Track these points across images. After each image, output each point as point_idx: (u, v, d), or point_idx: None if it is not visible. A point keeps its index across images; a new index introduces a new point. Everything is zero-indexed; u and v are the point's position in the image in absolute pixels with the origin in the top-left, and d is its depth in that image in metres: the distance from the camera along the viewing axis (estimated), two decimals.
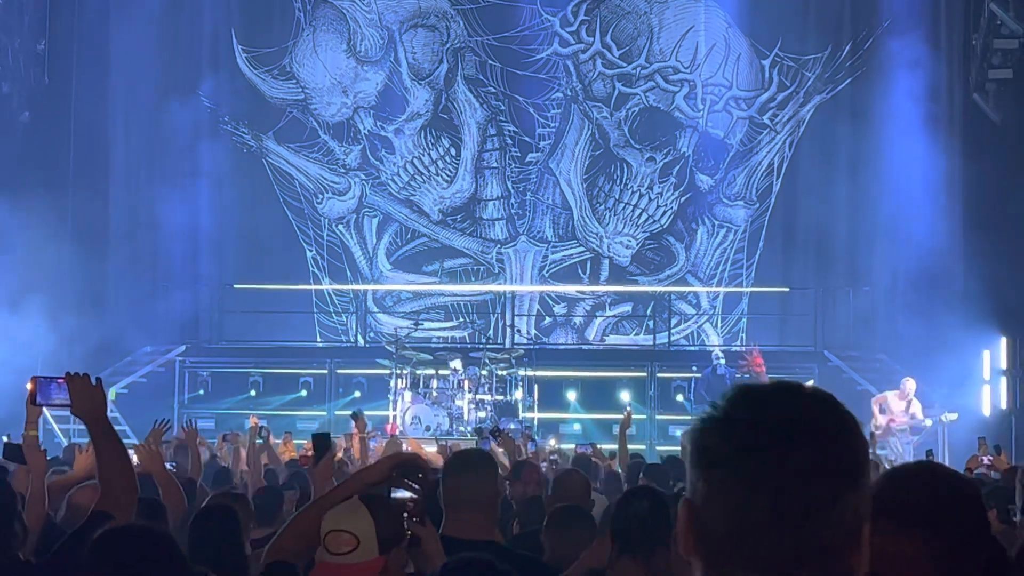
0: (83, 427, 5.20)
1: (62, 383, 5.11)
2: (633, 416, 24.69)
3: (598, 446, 16.47)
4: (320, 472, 6.05)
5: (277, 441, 17.84)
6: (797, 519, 1.94)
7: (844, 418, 2.01)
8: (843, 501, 1.96)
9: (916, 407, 21.63)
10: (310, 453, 13.52)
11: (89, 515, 4.95)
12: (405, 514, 4.52)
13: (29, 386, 7.71)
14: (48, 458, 8.84)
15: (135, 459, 6.38)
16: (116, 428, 5.23)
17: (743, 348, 25.35)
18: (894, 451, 20.61)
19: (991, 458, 14.01)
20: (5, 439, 11.15)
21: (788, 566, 1.95)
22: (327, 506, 4.65)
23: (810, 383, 17.96)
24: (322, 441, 6.19)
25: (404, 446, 17.03)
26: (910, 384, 21.74)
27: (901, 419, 21.43)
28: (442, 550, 4.63)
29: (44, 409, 6.39)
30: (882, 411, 21.63)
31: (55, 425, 22.44)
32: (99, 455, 5.03)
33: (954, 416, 21.77)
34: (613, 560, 5.74)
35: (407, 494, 4.55)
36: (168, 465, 10.68)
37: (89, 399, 5.06)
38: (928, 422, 21.70)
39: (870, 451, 2.09)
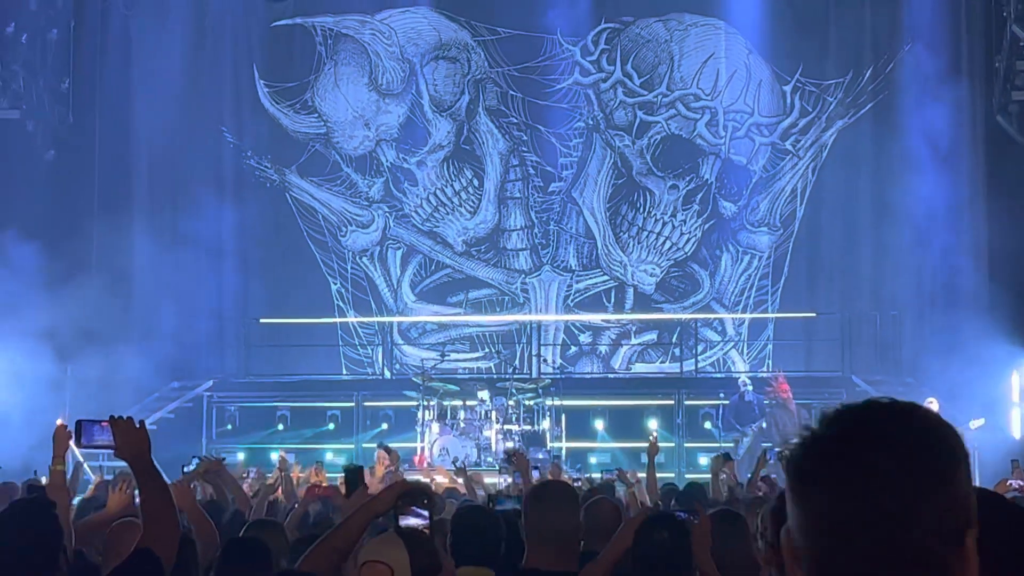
0: (113, 463, 5.23)
1: (105, 426, 5.13)
2: (661, 444, 24.79)
3: (625, 472, 16.35)
4: (351, 505, 6.06)
5: (301, 475, 17.71)
6: (886, 525, 1.97)
7: (929, 423, 2.05)
8: (930, 503, 1.98)
9: None
10: (324, 484, 13.52)
11: (133, 552, 4.95)
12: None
13: (59, 422, 7.75)
14: (80, 495, 8.88)
15: None
16: None
17: (769, 374, 25.25)
18: None
19: (1022, 483, 13.84)
20: (34, 475, 11.18)
21: (884, 573, 1.98)
22: (341, 539, 4.71)
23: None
24: (353, 475, 6.22)
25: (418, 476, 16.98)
26: (934, 405, 21.67)
27: None
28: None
29: (72, 446, 6.41)
30: None
31: (82, 459, 22.44)
32: (143, 495, 5.05)
33: (981, 422, 21.65)
34: None
35: (416, 521, 4.56)
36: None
37: (133, 441, 5.08)
38: None
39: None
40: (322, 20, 28.76)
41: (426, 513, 4.67)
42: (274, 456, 19.52)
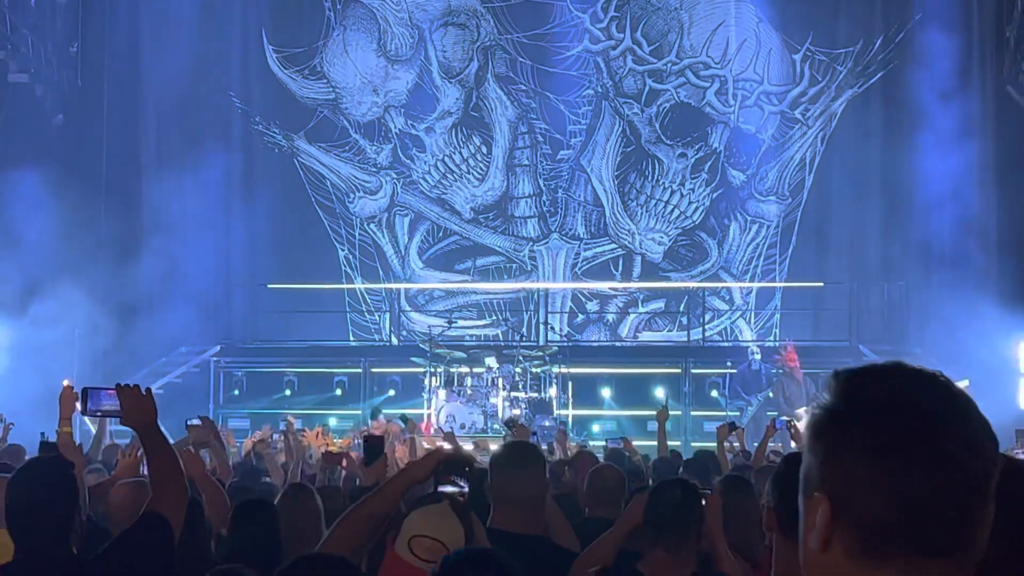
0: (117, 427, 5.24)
1: (112, 393, 5.14)
2: (668, 413, 24.81)
3: (631, 441, 16.38)
4: (371, 474, 6.10)
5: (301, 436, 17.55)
6: (968, 497, 1.94)
7: (967, 395, 2.01)
8: (996, 474, 1.98)
9: None
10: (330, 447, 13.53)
11: (142, 515, 4.97)
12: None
13: (64, 383, 7.76)
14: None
15: None
16: None
17: (778, 343, 25.27)
18: None
19: None
20: (42, 436, 11.20)
21: (951, 545, 1.95)
22: (378, 505, 4.63)
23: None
24: (374, 446, 6.27)
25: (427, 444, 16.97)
26: (964, 386, 21.70)
27: None
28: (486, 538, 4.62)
29: (78, 407, 6.42)
30: None
31: (88, 422, 22.50)
32: (151, 462, 5.07)
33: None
34: (646, 551, 5.74)
35: (453, 489, 4.52)
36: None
37: (140, 409, 5.09)
38: None
39: None
40: None
41: (464, 483, 4.61)
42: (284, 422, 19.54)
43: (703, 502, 5.79)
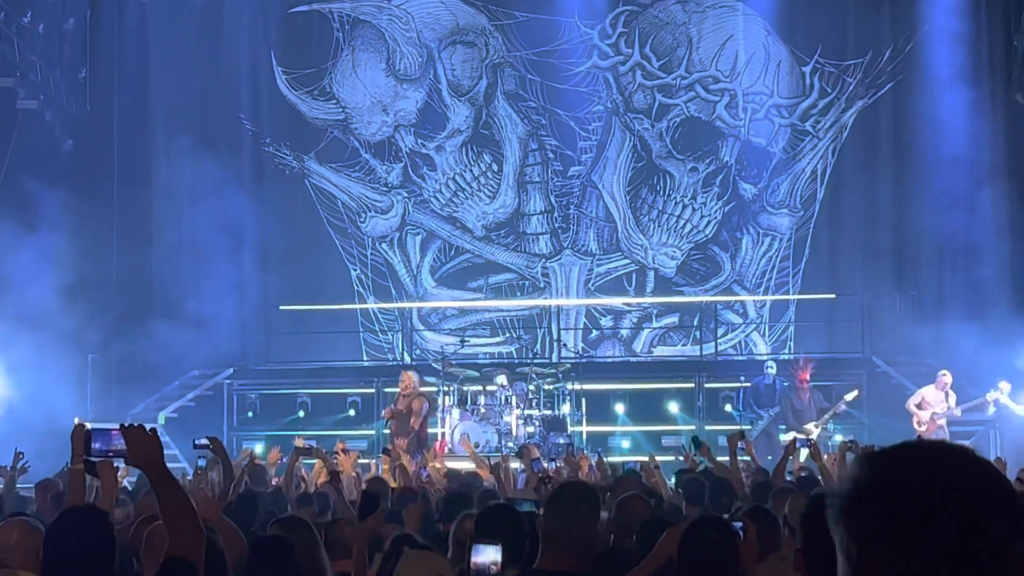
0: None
1: (116, 433, 5.10)
2: (680, 427, 24.78)
3: (655, 458, 16.30)
4: (364, 527, 6.08)
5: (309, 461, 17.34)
6: (977, 574, 1.91)
7: (990, 467, 1.99)
8: (1016, 548, 1.94)
9: (952, 399, 21.67)
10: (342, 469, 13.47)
11: (164, 561, 4.94)
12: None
13: (76, 421, 7.75)
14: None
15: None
16: (167, 452, 5.20)
17: (793, 357, 25.20)
18: None
19: None
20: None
21: None
22: None
23: (853, 394, 17.66)
24: (372, 500, 6.26)
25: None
26: (947, 377, 21.77)
27: (942, 410, 21.48)
28: None
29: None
30: (920, 407, 21.63)
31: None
32: (161, 502, 5.03)
33: (1007, 387, 21.58)
34: None
35: (492, 556, 4.47)
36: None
37: (145, 448, 5.05)
38: (959, 413, 21.64)
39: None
40: (339, 6, 28.72)
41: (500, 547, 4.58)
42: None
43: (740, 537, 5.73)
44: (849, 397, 22.63)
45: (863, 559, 1.95)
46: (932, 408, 21.58)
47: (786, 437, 20.41)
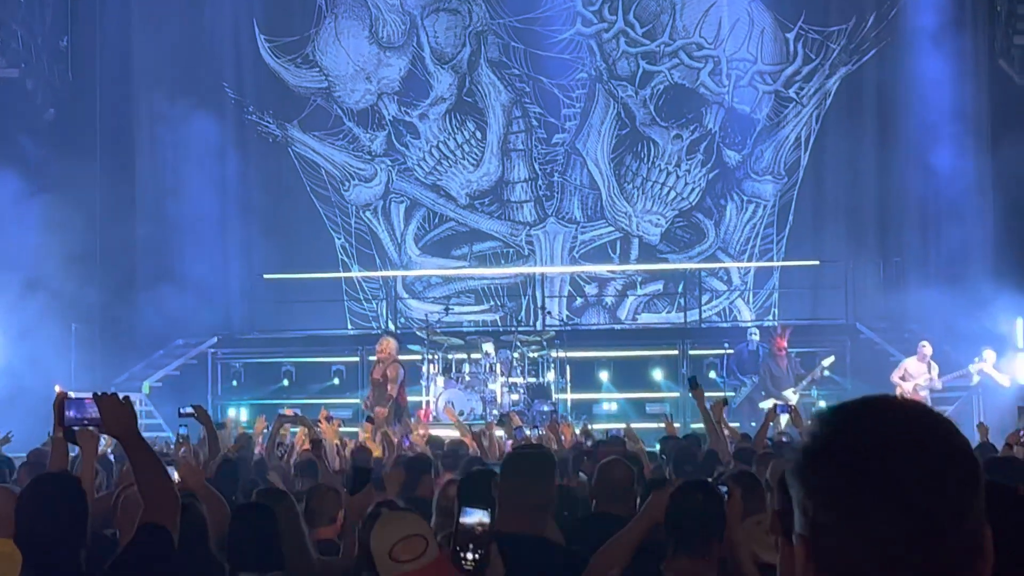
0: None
1: (90, 402, 5.08)
2: (666, 395, 24.84)
3: (631, 427, 16.33)
4: (356, 503, 6.10)
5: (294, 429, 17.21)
6: (933, 533, 1.90)
7: (947, 424, 1.97)
8: (973, 504, 1.93)
9: (935, 371, 21.72)
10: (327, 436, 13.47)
11: (139, 527, 4.94)
12: (480, 537, 4.44)
13: (57, 389, 7.74)
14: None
15: (176, 476, 6.39)
16: (151, 420, 5.20)
17: (776, 323, 25.24)
18: None
19: None
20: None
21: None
22: None
23: (830, 359, 17.72)
24: (363, 474, 6.28)
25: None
26: (927, 348, 21.84)
27: (924, 382, 21.55)
28: (504, 572, 4.58)
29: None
30: (903, 379, 21.67)
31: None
32: (136, 470, 5.03)
33: (992, 356, 21.65)
34: (669, 556, 5.69)
35: (478, 518, 4.48)
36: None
37: (119, 417, 5.04)
38: (939, 385, 21.72)
39: None
40: None
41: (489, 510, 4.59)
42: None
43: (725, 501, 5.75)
44: (827, 363, 22.74)
45: (818, 515, 1.94)
46: (915, 380, 21.63)
47: (765, 404, 20.47)
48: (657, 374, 25.27)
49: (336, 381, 25.85)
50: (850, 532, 1.91)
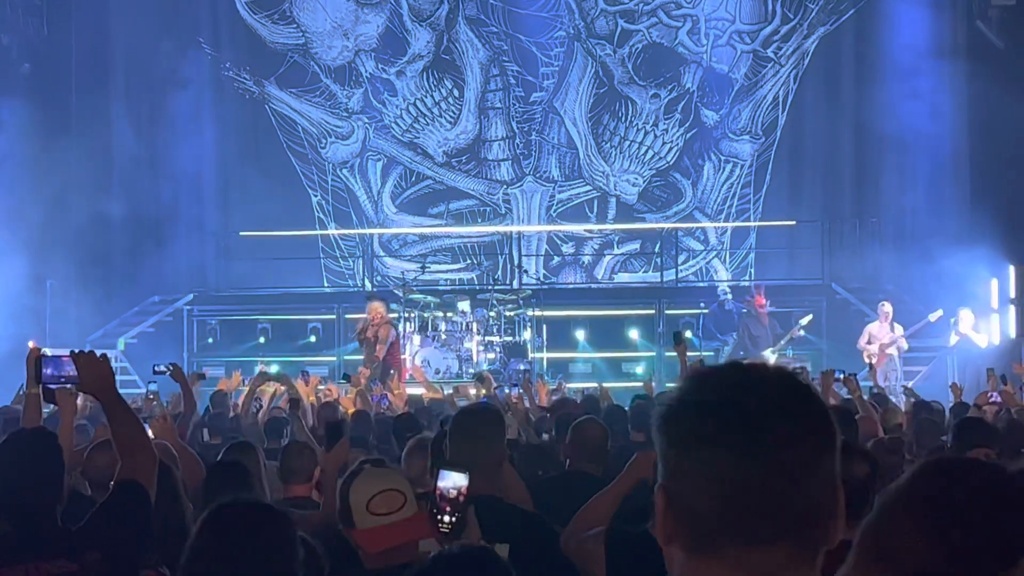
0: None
1: (67, 360, 5.07)
2: (642, 353, 24.88)
3: (605, 386, 16.36)
4: (331, 457, 6.10)
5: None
6: (782, 486, 2.00)
7: (807, 387, 2.09)
8: (823, 464, 2.03)
9: (899, 330, 21.80)
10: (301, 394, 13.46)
11: (116, 484, 4.94)
12: (457, 500, 4.41)
13: (31, 345, 7.73)
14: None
15: (150, 432, 6.38)
16: (126, 377, 5.20)
17: (750, 283, 25.28)
18: (888, 380, 20.64)
19: (998, 397, 13.79)
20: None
21: (774, 533, 2.01)
22: None
23: (808, 318, 17.79)
24: (336, 430, 6.30)
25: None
26: (887, 307, 21.94)
27: (889, 340, 21.63)
28: (480, 535, 4.56)
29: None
30: (869, 344, 21.73)
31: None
32: (113, 428, 5.02)
33: (970, 318, 21.76)
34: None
35: (457, 482, 4.46)
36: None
37: (97, 375, 5.03)
38: (906, 345, 21.84)
39: (871, 384, 2.12)
40: None
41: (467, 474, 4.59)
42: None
43: None
44: (804, 321, 22.79)
45: (679, 463, 2.04)
46: (880, 341, 21.70)
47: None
48: (633, 333, 25.29)
49: (312, 339, 25.81)
50: (704, 477, 2.01)
